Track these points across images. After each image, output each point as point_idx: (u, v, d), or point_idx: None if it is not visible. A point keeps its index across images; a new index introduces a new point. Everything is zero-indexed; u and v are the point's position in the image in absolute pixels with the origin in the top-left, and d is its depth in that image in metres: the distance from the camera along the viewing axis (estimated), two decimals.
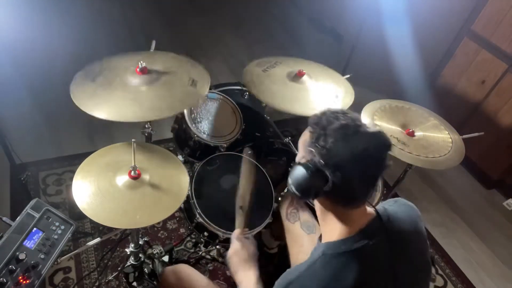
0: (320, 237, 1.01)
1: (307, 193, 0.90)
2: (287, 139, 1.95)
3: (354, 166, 0.85)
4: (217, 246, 1.80)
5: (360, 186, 0.89)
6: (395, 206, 1.03)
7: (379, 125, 1.67)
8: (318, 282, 0.87)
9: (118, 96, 1.46)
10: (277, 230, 1.90)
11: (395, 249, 0.93)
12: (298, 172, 0.88)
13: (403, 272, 0.94)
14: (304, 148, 0.93)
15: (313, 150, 0.88)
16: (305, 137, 0.94)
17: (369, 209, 0.96)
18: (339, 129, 0.86)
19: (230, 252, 1.27)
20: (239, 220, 1.42)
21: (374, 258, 0.91)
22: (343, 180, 0.84)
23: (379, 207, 0.98)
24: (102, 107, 1.40)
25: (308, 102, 1.76)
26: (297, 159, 0.97)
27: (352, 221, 0.92)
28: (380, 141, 0.88)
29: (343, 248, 0.89)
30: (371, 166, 0.88)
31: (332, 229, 0.94)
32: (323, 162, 0.85)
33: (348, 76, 1.95)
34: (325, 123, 0.88)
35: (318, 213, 0.99)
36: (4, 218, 1.19)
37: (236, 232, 1.35)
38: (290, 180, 0.92)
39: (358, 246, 0.89)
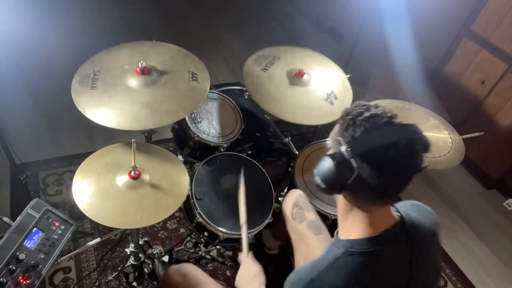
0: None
1: (332, 185, 0.85)
2: (287, 139, 1.95)
3: (382, 158, 0.79)
4: (217, 246, 1.80)
5: (390, 182, 0.83)
6: (417, 212, 0.98)
7: None
8: (335, 278, 0.85)
9: (129, 103, 1.44)
10: (280, 231, 1.90)
11: (415, 258, 0.91)
12: (324, 163, 0.85)
13: (418, 283, 0.93)
14: (332, 140, 0.89)
15: (340, 139, 0.84)
16: (335, 128, 0.90)
17: (393, 212, 0.92)
18: (369, 118, 0.82)
19: (238, 272, 1.25)
20: (244, 239, 1.34)
21: (394, 262, 0.89)
22: (370, 173, 0.80)
23: (403, 211, 0.95)
24: (118, 118, 1.39)
25: (310, 110, 1.76)
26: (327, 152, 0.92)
27: (376, 221, 0.89)
28: (414, 135, 0.82)
29: (367, 248, 0.86)
30: (402, 160, 0.81)
31: (354, 227, 0.90)
32: (350, 152, 0.81)
33: (348, 76, 1.95)
34: (355, 113, 0.84)
35: (340, 209, 0.95)
36: (4, 218, 1.19)
37: (244, 253, 1.30)
38: (315, 171, 0.88)
39: (380, 248, 0.87)
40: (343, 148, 0.82)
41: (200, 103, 1.73)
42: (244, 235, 1.34)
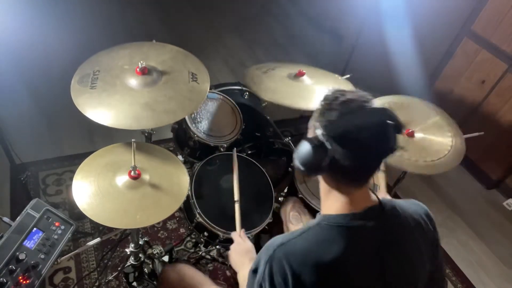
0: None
1: (310, 167, 0.90)
2: (287, 139, 1.95)
3: (354, 141, 0.84)
4: (217, 246, 1.80)
5: (361, 163, 0.88)
6: (403, 201, 1.02)
7: None
8: (303, 244, 0.89)
9: (128, 102, 1.43)
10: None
11: (389, 239, 0.93)
12: (302, 147, 0.90)
13: (392, 263, 0.93)
14: (310, 125, 0.94)
15: (317, 124, 0.89)
16: (314, 114, 0.95)
17: (373, 197, 0.96)
18: (344, 103, 0.87)
19: (231, 249, 1.31)
20: (237, 217, 1.44)
21: (365, 240, 0.91)
22: (343, 154, 0.84)
23: (386, 199, 0.97)
24: (117, 117, 1.38)
25: (310, 98, 1.76)
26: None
27: (353, 201, 0.92)
28: (384, 118, 0.86)
29: (338, 222, 0.90)
30: (374, 142, 0.86)
31: (332, 205, 0.94)
32: (324, 135, 0.86)
33: (348, 76, 1.95)
34: (331, 98, 0.89)
35: (321, 191, 0.99)
36: (4, 218, 1.19)
37: (236, 231, 1.39)
38: (294, 155, 0.93)
39: (353, 225, 0.89)
40: (319, 132, 0.87)
41: (199, 104, 1.73)
42: (237, 213, 1.40)
